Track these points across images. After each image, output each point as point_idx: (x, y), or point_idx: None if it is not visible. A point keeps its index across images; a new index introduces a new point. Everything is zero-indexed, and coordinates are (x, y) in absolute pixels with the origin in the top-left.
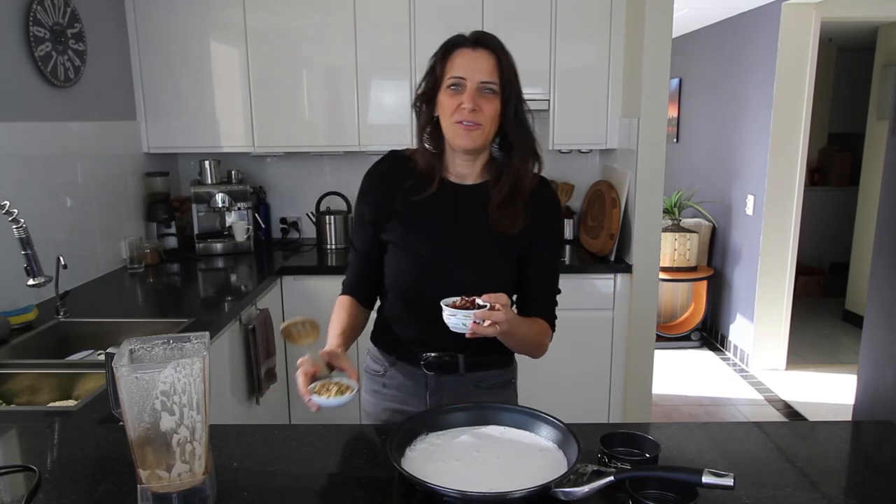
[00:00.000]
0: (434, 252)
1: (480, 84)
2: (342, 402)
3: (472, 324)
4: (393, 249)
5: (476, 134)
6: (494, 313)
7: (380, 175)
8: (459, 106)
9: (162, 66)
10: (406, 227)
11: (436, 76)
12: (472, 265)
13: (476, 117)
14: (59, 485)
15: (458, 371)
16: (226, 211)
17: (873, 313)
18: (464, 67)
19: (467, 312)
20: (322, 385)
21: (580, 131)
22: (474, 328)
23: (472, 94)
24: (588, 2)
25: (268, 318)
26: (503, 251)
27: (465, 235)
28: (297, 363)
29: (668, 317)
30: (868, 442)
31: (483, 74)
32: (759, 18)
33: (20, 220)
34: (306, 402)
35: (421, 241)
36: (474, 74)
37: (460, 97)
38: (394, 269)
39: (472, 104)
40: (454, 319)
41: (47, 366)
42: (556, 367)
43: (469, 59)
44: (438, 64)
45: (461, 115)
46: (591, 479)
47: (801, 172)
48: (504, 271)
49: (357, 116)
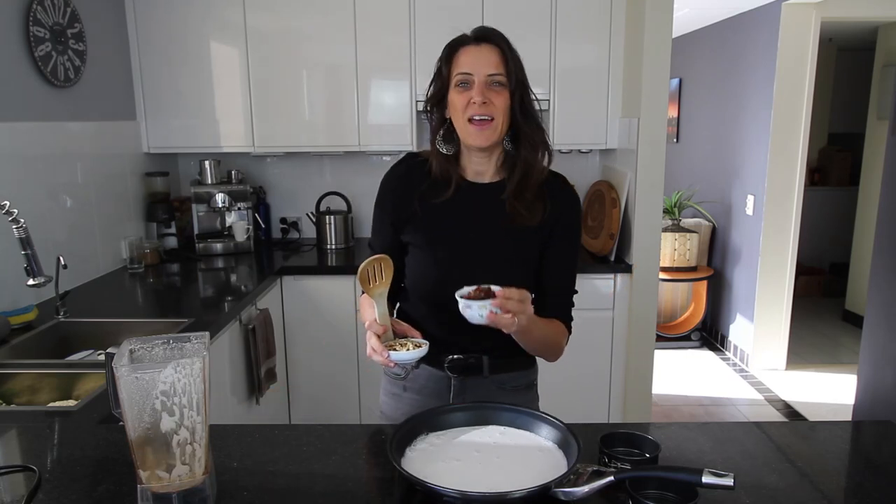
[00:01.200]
0: (455, 253)
1: (488, 77)
2: (419, 356)
3: (488, 314)
4: (414, 251)
5: (489, 131)
6: (510, 302)
7: (398, 178)
8: (470, 101)
9: (162, 66)
10: (426, 229)
11: (443, 78)
12: (493, 264)
13: (487, 110)
14: (59, 485)
15: (482, 373)
16: (226, 211)
17: (873, 313)
18: (469, 63)
19: (483, 303)
20: (392, 344)
21: (580, 131)
22: (491, 317)
23: (480, 87)
24: (588, 2)
25: (268, 318)
26: (523, 248)
27: (486, 234)
28: (365, 326)
29: (668, 317)
30: (868, 442)
31: (489, 67)
32: (759, 18)
33: (20, 220)
34: (382, 360)
35: (442, 243)
36: (481, 69)
37: (469, 93)
38: (416, 270)
39: (482, 97)
40: (470, 311)
41: (47, 366)
42: (556, 367)
43: (474, 54)
44: (444, 65)
45: (472, 110)
46: (591, 479)
47: (801, 172)
48: (524, 269)
49: (357, 116)
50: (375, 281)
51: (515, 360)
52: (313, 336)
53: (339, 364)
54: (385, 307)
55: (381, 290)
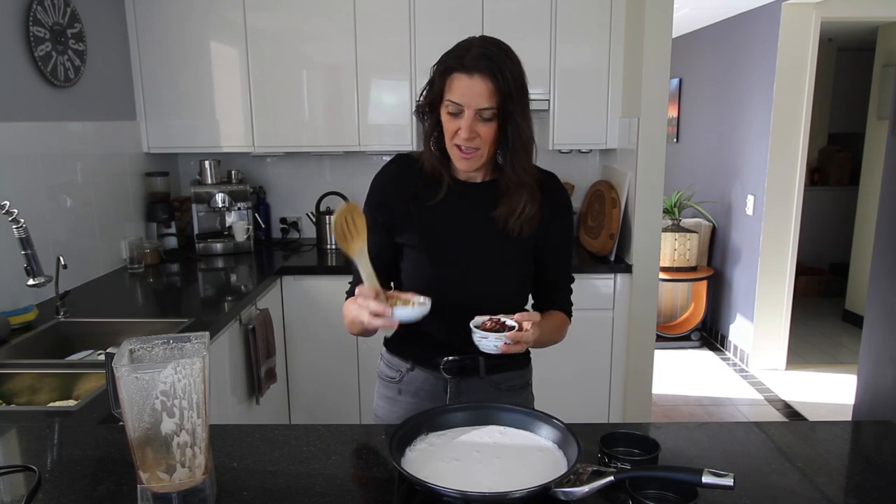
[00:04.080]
0: (451, 253)
1: (478, 111)
2: (422, 313)
3: (502, 345)
4: (409, 253)
5: (474, 160)
6: (524, 334)
7: (389, 178)
8: (457, 132)
9: (162, 66)
10: (421, 231)
11: (435, 91)
12: (489, 265)
13: (473, 143)
14: (59, 485)
15: (478, 374)
16: (226, 211)
17: (873, 313)
18: (461, 94)
19: (499, 335)
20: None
21: (580, 131)
22: (505, 349)
23: (469, 122)
24: (588, 2)
25: (268, 318)
26: (519, 248)
27: (481, 234)
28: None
29: (668, 317)
30: (868, 442)
31: (480, 101)
32: (759, 18)
33: (20, 220)
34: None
35: (437, 244)
36: (471, 101)
37: (458, 122)
38: (411, 272)
39: (469, 133)
40: (486, 342)
41: (47, 366)
42: (556, 367)
43: (466, 86)
44: (438, 80)
45: (459, 140)
46: (591, 479)
47: (801, 172)
48: (521, 268)
49: (357, 116)
50: (351, 236)
51: (511, 360)
52: (313, 336)
53: (339, 364)
54: (370, 266)
55: (359, 246)
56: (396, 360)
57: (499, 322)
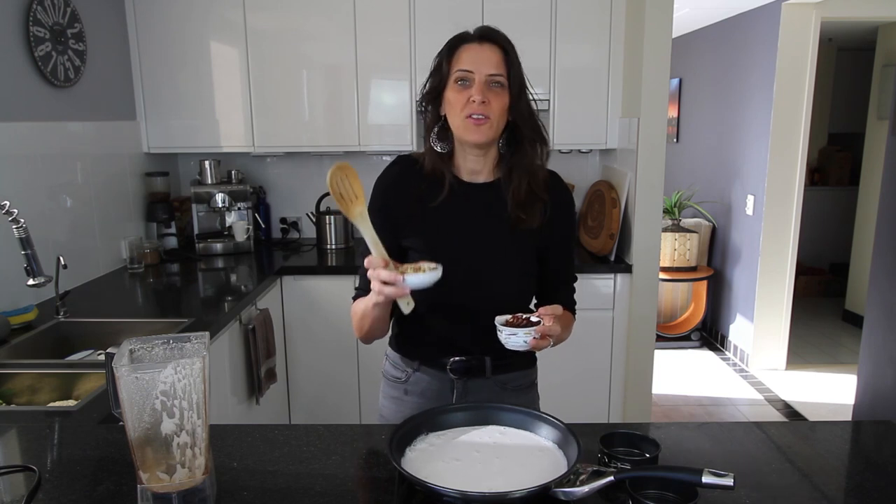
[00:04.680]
0: (457, 254)
1: (488, 77)
2: (434, 279)
3: (532, 340)
4: (414, 255)
5: (485, 128)
6: (551, 328)
7: (392, 181)
8: (469, 100)
9: (162, 66)
10: (426, 232)
11: (442, 73)
12: (495, 264)
13: (485, 110)
14: (59, 485)
15: (484, 374)
16: (226, 211)
17: (873, 313)
18: (471, 61)
19: (528, 330)
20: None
21: (580, 131)
22: (534, 343)
23: (480, 86)
24: (588, 2)
25: (268, 318)
26: (523, 246)
27: (486, 234)
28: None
29: (668, 317)
30: (868, 442)
31: (491, 67)
32: (759, 18)
33: (20, 220)
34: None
35: (443, 245)
36: (482, 67)
37: (468, 91)
38: None
39: (482, 96)
40: (515, 339)
41: (47, 366)
42: (557, 367)
43: (476, 52)
44: (444, 61)
45: (471, 108)
46: (591, 479)
47: (801, 172)
48: (526, 266)
49: (357, 116)
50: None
51: (517, 359)
52: (313, 336)
53: (340, 364)
54: (373, 232)
55: (360, 209)
56: (402, 361)
57: (523, 318)
